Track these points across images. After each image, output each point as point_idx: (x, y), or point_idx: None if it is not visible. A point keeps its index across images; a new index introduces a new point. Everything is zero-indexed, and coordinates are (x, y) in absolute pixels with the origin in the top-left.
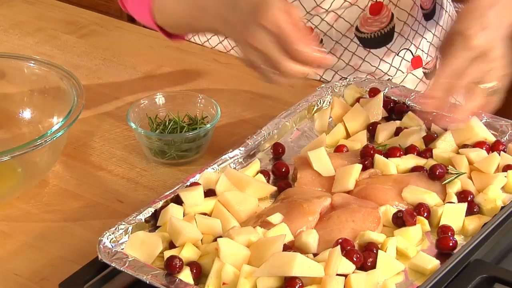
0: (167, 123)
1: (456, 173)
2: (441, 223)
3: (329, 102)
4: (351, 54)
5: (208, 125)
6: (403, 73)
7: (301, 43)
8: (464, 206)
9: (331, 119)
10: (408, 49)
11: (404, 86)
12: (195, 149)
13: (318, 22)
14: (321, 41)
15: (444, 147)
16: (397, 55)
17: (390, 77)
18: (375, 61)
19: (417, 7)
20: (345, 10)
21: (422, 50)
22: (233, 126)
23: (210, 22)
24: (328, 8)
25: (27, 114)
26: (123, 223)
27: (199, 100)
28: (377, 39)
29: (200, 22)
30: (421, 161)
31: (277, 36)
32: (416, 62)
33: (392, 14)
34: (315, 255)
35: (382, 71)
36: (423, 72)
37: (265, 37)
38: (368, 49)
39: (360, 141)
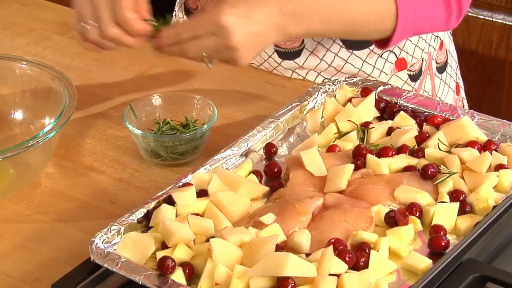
0: (161, 124)
1: (448, 173)
2: (433, 223)
3: (321, 102)
4: (334, 55)
5: (205, 126)
6: (387, 75)
7: (130, 10)
8: (456, 205)
9: (323, 119)
10: (391, 51)
11: (396, 86)
12: (192, 150)
13: None
14: (302, 41)
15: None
16: (381, 57)
17: (374, 79)
18: (358, 63)
19: None
20: None
21: (407, 52)
22: (226, 127)
23: None
24: None
25: (18, 115)
26: (116, 223)
27: (196, 101)
28: (360, 40)
29: None
30: (413, 161)
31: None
32: (401, 64)
33: None
34: (307, 255)
35: (365, 72)
36: (408, 74)
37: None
38: (351, 51)
39: (352, 141)
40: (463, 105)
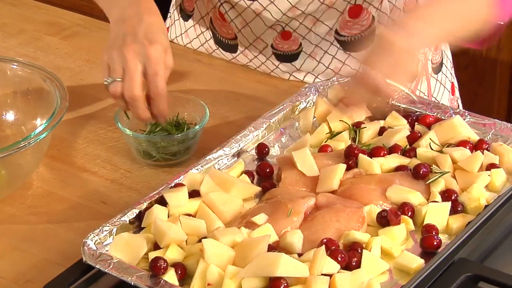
0: (153, 125)
1: (440, 172)
2: (425, 222)
3: (313, 102)
4: (331, 57)
5: (197, 127)
6: None
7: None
8: (448, 205)
9: (315, 119)
10: None
11: None
12: (184, 151)
13: (296, 26)
14: (300, 44)
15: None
16: None
17: None
18: (356, 64)
19: (398, 9)
20: (323, 13)
21: None
22: (218, 127)
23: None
24: (305, 10)
25: (10, 116)
26: (108, 224)
27: (188, 102)
28: (358, 42)
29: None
30: (405, 161)
31: (150, 66)
32: None
33: (373, 17)
34: (299, 255)
35: None
36: None
37: (139, 58)
38: (348, 52)
39: (344, 141)
40: (458, 105)
